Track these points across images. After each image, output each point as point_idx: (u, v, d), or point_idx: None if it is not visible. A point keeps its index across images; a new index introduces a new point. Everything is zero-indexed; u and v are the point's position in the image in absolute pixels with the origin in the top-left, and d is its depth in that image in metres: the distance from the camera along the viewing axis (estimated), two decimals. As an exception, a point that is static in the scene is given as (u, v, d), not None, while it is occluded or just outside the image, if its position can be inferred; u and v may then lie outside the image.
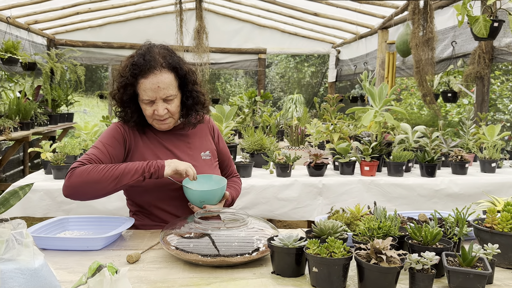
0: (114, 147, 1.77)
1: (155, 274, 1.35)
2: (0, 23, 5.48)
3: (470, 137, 3.54)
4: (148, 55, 1.72)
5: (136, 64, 1.70)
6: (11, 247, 1.06)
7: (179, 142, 1.88)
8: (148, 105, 1.73)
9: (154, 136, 1.86)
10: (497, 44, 4.32)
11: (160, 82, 1.69)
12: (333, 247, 1.24)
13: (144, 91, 1.70)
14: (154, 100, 1.71)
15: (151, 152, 1.82)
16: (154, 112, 1.73)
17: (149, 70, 1.69)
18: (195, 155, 1.89)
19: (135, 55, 1.75)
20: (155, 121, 1.78)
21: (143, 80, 1.69)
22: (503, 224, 1.38)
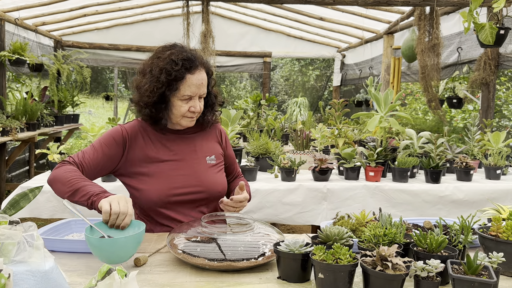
0: (110, 148, 1.78)
1: (163, 277, 1.36)
2: (8, 25, 5.53)
3: (475, 143, 3.54)
4: (193, 52, 1.78)
5: (188, 59, 1.73)
6: (22, 249, 1.08)
7: (184, 145, 1.88)
8: (185, 101, 1.76)
9: (160, 139, 1.86)
10: (503, 51, 4.32)
11: (203, 79, 1.77)
12: (339, 254, 1.25)
13: (188, 86, 1.73)
14: (193, 96, 1.76)
15: (154, 154, 1.82)
16: (190, 108, 1.77)
17: (196, 66, 1.74)
18: (200, 159, 1.89)
19: (172, 53, 1.74)
20: (185, 118, 1.80)
21: (190, 75, 1.73)
22: (508, 232, 1.38)
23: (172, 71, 1.71)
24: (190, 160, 1.86)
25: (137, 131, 1.85)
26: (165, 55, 1.74)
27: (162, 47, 1.81)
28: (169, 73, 1.71)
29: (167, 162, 1.82)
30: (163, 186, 1.77)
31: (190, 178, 1.83)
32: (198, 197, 1.84)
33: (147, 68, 1.78)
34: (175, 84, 1.73)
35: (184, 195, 1.80)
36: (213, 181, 1.87)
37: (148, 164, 1.80)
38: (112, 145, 1.79)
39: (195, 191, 1.83)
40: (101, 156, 1.77)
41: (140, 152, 1.81)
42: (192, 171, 1.84)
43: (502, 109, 8.39)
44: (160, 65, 1.73)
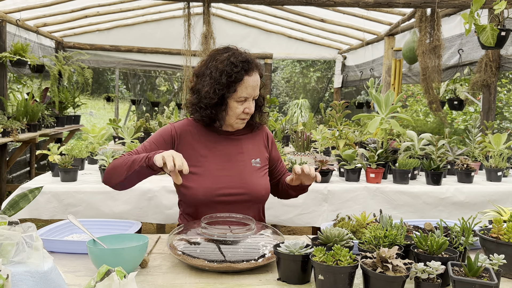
0: (159, 146, 1.83)
1: (162, 278, 1.36)
2: (10, 26, 5.53)
3: (476, 145, 3.53)
4: (247, 54, 1.82)
5: (246, 61, 1.78)
6: (21, 250, 1.08)
7: (232, 147, 1.91)
8: (240, 103, 1.80)
9: (209, 139, 1.89)
10: (504, 53, 4.32)
11: (257, 81, 1.82)
12: (339, 255, 1.24)
13: (245, 88, 1.78)
14: (248, 98, 1.80)
15: (202, 154, 1.85)
16: (245, 110, 1.81)
17: (252, 69, 1.79)
18: (246, 161, 1.90)
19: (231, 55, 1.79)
20: (239, 120, 1.85)
21: (247, 77, 1.78)
22: (509, 234, 1.38)
23: (232, 72, 1.75)
24: (236, 161, 1.88)
25: (187, 130, 1.89)
26: (223, 57, 1.79)
27: (217, 50, 1.86)
28: (229, 75, 1.75)
29: (214, 162, 1.85)
30: (209, 185, 1.80)
31: (235, 179, 1.84)
32: (241, 198, 1.84)
33: (205, 71, 1.82)
34: (233, 85, 1.77)
35: (228, 195, 1.81)
36: (256, 184, 1.88)
37: (195, 162, 1.83)
38: (161, 143, 1.84)
39: (238, 192, 1.83)
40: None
41: (189, 150, 1.85)
42: (237, 172, 1.86)
43: (503, 111, 8.38)
44: (219, 67, 1.77)
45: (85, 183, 2.74)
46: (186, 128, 1.89)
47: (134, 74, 13.56)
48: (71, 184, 2.69)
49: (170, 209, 2.70)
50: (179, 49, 4.78)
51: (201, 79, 1.82)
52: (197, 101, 1.83)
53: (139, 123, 4.82)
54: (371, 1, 4.25)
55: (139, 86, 14.26)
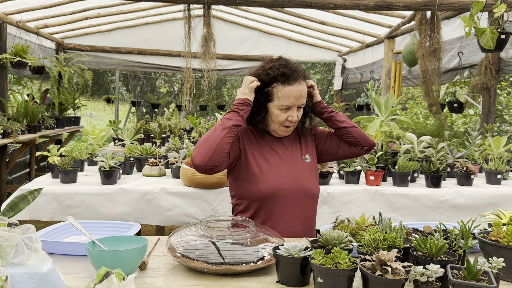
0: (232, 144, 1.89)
1: (161, 280, 1.36)
2: (10, 27, 5.54)
3: (475, 148, 3.53)
4: (292, 65, 1.90)
5: (283, 74, 1.85)
6: (20, 252, 1.08)
7: (283, 146, 1.99)
8: (283, 111, 1.88)
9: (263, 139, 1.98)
10: (504, 56, 4.32)
11: (302, 91, 1.87)
12: (338, 258, 1.24)
13: (287, 97, 1.85)
14: (291, 106, 1.86)
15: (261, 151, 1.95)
16: (288, 118, 1.88)
17: (296, 79, 1.86)
18: (297, 157, 1.98)
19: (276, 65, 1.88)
20: (282, 127, 1.92)
21: (288, 87, 1.85)
22: (508, 237, 1.38)
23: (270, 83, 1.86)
24: (287, 158, 1.96)
25: (245, 128, 1.99)
26: (267, 67, 1.90)
27: (269, 59, 1.96)
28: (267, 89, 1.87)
29: (273, 159, 1.94)
30: (271, 180, 1.89)
31: (292, 175, 1.92)
32: (297, 193, 1.92)
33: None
34: (270, 97, 1.87)
35: (288, 190, 1.89)
36: (309, 179, 1.96)
37: (257, 158, 1.92)
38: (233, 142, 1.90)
39: (295, 187, 1.91)
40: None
41: (251, 146, 1.95)
42: (292, 169, 1.94)
43: (503, 114, 8.39)
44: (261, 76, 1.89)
45: (84, 184, 2.74)
46: (244, 127, 1.99)
47: (134, 75, 13.57)
48: (70, 186, 2.69)
49: (170, 211, 2.70)
50: (180, 51, 4.78)
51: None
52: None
53: (139, 125, 4.82)
54: (371, 4, 4.26)
55: (139, 88, 14.27)
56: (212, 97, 12.94)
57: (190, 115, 5.71)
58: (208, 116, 7.84)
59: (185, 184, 2.80)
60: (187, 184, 2.78)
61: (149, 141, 4.94)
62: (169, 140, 4.56)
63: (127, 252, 1.34)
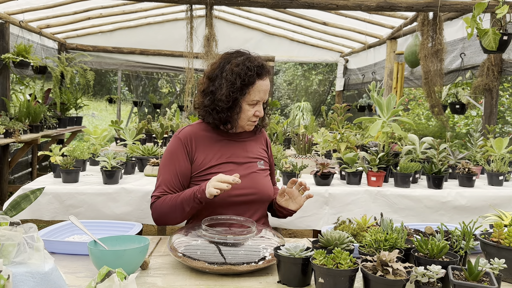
0: (182, 164, 1.85)
1: (162, 280, 1.36)
2: (13, 27, 5.55)
3: (477, 149, 3.53)
4: (259, 60, 1.87)
5: (260, 66, 1.84)
6: (22, 251, 1.08)
7: (240, 149, 1.96)
8: (252, 106, 1.86)
9: (217, 142, 1.92)
10: (506, 57, 4.31)
11: (268, 85, 1.88)
12: (339, 258, 1.24)
13: (258, 92, 1.84)
14: (259, 101, 1.86)
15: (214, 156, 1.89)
16: (255, 113, 1.87)
17: (265, 73, 1.86)
18: (253, 163, 1.97)
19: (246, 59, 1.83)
20: (250, 122, 1.90)
21: (260, 81, 1.83)
22: (510, 239, 1.37)
23: (246, 76, 1.80)
24: (245, 163, 1.94)
25: (195, 135, 1.91)
26: (238, 61, 1.82)
27: (229, 53, 1.89)
28: (243, 78, 1.80)
29: (226, 164, 1.89)
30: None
31: (246, 180, 1.86)
32: (252, 198, 1.89)
33: (218, 73, 1.85)
34: (246, 88, 1.82)
35: (241, 196, 1.85)
36: (265, 185, 1.95)
37: (208, 165, 1.87)
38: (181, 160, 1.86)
39: (250, 193, 1.88)
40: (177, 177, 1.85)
41: (201, 154, 1.88)
42: (247, 173, 1.90)
43: (505, 115, 8.37)
44: (235, 70, 1.80)
45: (86, 184, 2.74)
46: (194, 133, 1.91)
47: (137, 76, 13.58)
48: (72, 185, 2.69)
49: (171, 211, 2.70)
50: (182, 51, 4.79)
51: (215, 82, 1.85)
52: (210, 103, 1.86)
53: (141, 125, 4.83)
54: (373, 5, 4.26)
55: (141, 88, 14.29)
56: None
57: (192, 115, 5.72)
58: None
59: (187, 184, 2.80)
60: (189, 184, 2.78)
61: (151, 141, 4.95)
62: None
63: (129, 252, 1.34)
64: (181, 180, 1.85)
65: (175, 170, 1.84)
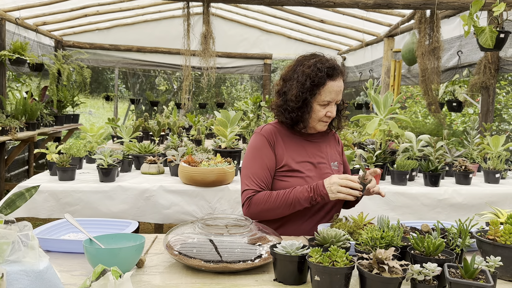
0: (269, 158, 1.93)
1: (158, 278, 1.36)
2: (9, 24, 5.53)
3: (474, 147, 3.53)
4: (333, 61, 1.92)
5: (331, 68, 1.88)
6: (17, 249, 1.07)
7: (315, 149, 2.01)
8: (323, 106, 1.90)
9: (295, 141, 1.99)
10: (503, 55, 4.32)
11: (341, 86, 1.91)
12: (335, 256, 1.24)
13: (329, 92, 1.87)
14: (331, 102, 1.89)
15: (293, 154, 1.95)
16: (327, 113, 1.90)
17: (337, 74, 1.89)
18: (327, 164, 2.00)
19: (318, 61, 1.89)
20: (321, 123, 1.94)
21: (331, 82, 1.87)
22: (505, 236, 1.38)
23: (316, 77, 1.85)
24: (320, 164, 1.98)
25: (275, 132, 1.99)
26: (310, 63, 1.89)
27: (304, 56, 1.98)
28: (313, 79, 1.86)
29: (305, 164, 1.95)
30: (301, 183, 1.89)
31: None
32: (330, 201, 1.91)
33: (292, 75, 1.93)
34: (316, 89, 1.87)
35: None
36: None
37: (288, 162, 1.93)
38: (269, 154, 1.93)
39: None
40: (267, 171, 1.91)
41: (282, 151, 1.95)
42: (322, 174, 1.96)
43: (502, 113, 8.39)
44: (306, 72, 1.87)
45: (83, 182, 2.74)
46: (274, 131, 1.99)
47: (134, 73, 13.55)
48: (69, 183, 2.69)
49: (168, 209, 2.69)
50: (179, 49, 4.77)
51: (288, 83, 1.93)
52: (283, 103, 1.94)
53: (138, 123, 4.82)
54: (370, 2, 4.26)
55: (138, 86, 14.25)
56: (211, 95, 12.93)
57: (189, 113, 5.71)
58: (207, 114, 7.84)
59: (184, 182, 2.79)
60: (186, 182, 2.78)
61: (147, 139, 4.94)
62: (167, 138, 4.56)
63: (124, 250, 1.33)
64: (271, 173, 1.92)
65: (265, 164, 1.91)
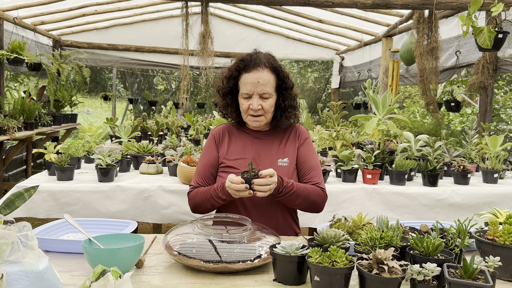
0: (211, 156, 2.02)
1: (158, 279, 1.35)
2: (7, 24, 5.51)
3: (472, 147, 3.54)
4: (255, 55, 1.94)
5: (243, 60, 1.92)
6: (16, 249, 1.07)
7: (260, 146, 2.00)
8: (245, 99, 1.91)
9: (241, 138, 2.03)
10: (501, 55, 4.33)
11: (260, 78, 1.88)
12: (335, 256, 1.24)
13: (245, 84, 1.89)
14: (251, 94, 1.89)
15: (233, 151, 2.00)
16: (250, 106, 1.90)
17: (253, 66, 1.89)
18: (273, 160, 1.98)
19: (241, 56, 1.97)
20: (249, 117, 1.94)
21: (246, 74, 1.89)
22: (504, 236, 1.38)
23: (231, 71, 1.93)
24: (262, 160, 1.97)
25: (224, 132, 2.06)
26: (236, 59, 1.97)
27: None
28: (229, 74, 1.94)
29: (241, 160, 1.97)
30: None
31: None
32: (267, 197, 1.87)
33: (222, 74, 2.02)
34: (233, 82, 1.93)
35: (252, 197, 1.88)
36: None
37: (229, 159, 1.98)
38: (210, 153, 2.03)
39: None
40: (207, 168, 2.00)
41: (224, 149, 2.02)
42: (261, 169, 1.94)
43: (500, 113, 8.40)
44: (228, 68, 1.96)
45: (81, 182, 2.73)
46: (224, 130, 2.07)
47: (132, 73, 13.53)
48: (67, 183, 2.68)
49: (167, 209, 2.69)
50: (177, 48, 4.77)
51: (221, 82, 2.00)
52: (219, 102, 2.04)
53: (136, 122, 4.81)
54: (369, 2, 4.26)
55: (136, 85, 14.24)
56: (210, 95, 12.92)
57: (188, 113, 5.70)
58: (205, 114, 7.83)
59: (182, 182, 2.79)
60: (184, 182, 2.77)
61: (146, 139, 4.93)
62: (166, 137, 4.55)
63: (124, 250, 1.33)
64: (211, 170, 2.00)
65: (206, 162, 2.01)
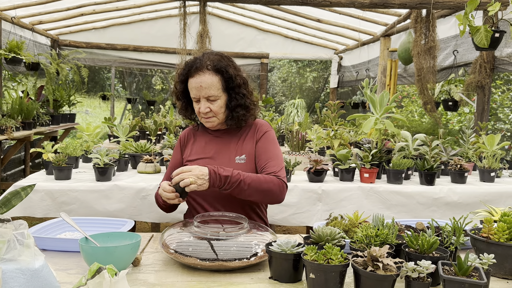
0: (176, 158, 2.09)
1: (154, 277, 1.36)
2: (5, 23, 5.51)
3: (470, 146, 3.55)
4: (199, 58, 1.91)
5: (188, 64, 1.91)
6: (12, 248, 1.08)
7: (217, 145, 2.01)
8: (196, 103, 1.93)
9: (202, 139, 2.06)
10: (499, 54, 4.34)
11: (202, 82, 1.85)
12: (330, 254, 1.25)
13: (190, 89, 1.90)
14: (198, 98, 1.89)
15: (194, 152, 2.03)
16: (199, 109, 1.92)
17: (195, 70, 1.87)
18: (230, 158, 1.97)
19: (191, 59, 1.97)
20: (203, 119, 1.96)
21: (190, 79, 1.89)
22: (499, 234, 1.39)
23: (179, 76, 1.94)
24: (219, 158, 1.97)
25: (189, 134, 2.11)
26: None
27: None
28: (179, 79, 1.94)
29: (200, 160, 1.98)
30: None
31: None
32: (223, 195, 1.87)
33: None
34: (180, 86, 1.95)
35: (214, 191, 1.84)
36: None
37: (189, 160, 2.01)
38: (176, 154, 2.11)
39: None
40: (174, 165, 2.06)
41: (187, 150, 2.06)
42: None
43: (497, 112, 8.42)
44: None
45: (79, 181, 2.73)
46: (190, 133, 2.11)
47: (130, 72, 13.53)
48: (65, 182, 2.68)
49: (164, 208, 2.70)
50: (175, 48, 4.77)
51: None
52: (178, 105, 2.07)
53: (134, 122, 4.81)
54: (366, 2, 4.27)
55: (135, 85, 14.23)
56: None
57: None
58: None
59: (180, 181, 2.79)
60: (182, 181, 2.78)
61: (144, 138, 4.93)
62: (164, 137, 4.56)
63: (120, 248, 1.34)
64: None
65: (173, 163, 2.07)
